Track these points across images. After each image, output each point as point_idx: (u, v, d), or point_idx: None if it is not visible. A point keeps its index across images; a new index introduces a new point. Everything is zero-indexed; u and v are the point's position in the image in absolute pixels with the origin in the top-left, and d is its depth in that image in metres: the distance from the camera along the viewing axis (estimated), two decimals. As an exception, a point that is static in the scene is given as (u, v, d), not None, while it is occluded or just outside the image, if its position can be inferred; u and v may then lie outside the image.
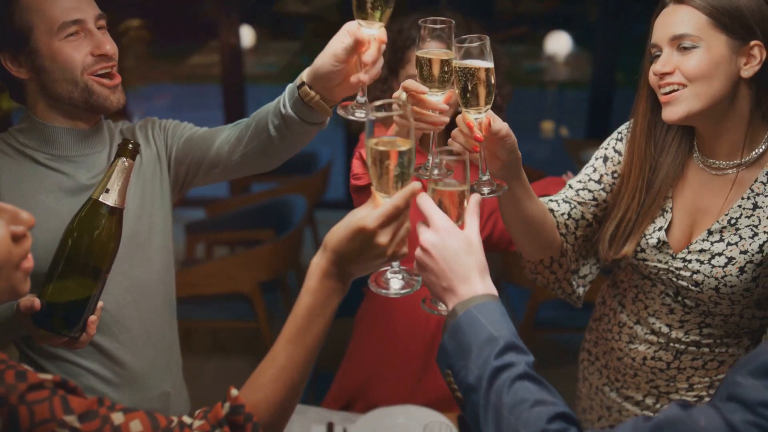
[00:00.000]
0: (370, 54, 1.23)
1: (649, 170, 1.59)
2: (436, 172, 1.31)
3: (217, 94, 5.51)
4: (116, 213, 1.27)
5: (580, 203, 1.69)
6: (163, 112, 8.74)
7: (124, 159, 1.26)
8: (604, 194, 1.69)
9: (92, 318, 1.31)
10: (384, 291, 1.17)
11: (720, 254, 1.51)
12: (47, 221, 1.45)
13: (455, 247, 1.08)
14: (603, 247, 1.65)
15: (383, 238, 1.02)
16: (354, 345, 2.27)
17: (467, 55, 1.27)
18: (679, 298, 1.61)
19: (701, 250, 1.54)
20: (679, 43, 1.45)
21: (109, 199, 1.25)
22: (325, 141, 6.16)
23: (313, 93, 1.35)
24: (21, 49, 1.45)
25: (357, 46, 1.23)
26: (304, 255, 4.15)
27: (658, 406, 1.71)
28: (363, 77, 1.24)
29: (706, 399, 1.64)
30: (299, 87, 1.36)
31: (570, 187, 1.72)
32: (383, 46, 1.24)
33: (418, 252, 1.11)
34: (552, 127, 8.20)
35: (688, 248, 1.56)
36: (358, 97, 1.27)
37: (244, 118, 1.61)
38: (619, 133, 1.71)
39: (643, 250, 1.63)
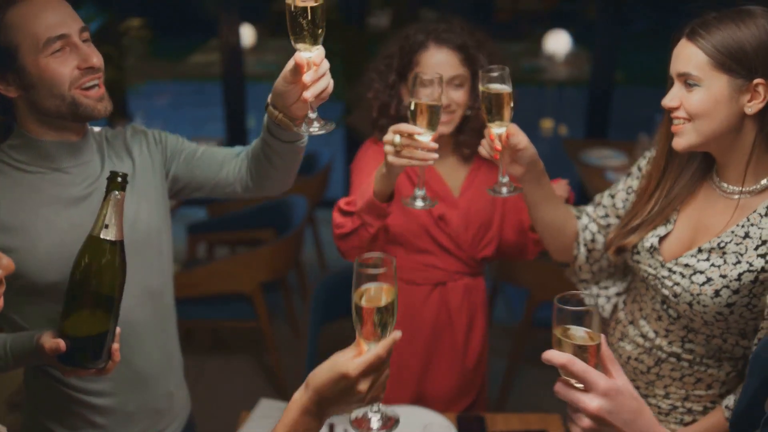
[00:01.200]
0: (308, 75, 1.35)
1: (668, 188, 1.65)
2: (419, 203, 1.67)
3: (218, 92, 5.53)
4: (117, 244, 1.31)
5: (599, 224, 1.80)
6: (163, 111, 8.78)
7: (116, 192, 1.29)
8: (617, 220, 1.78)
9: (115, 346, 1.36)
10: (364, 431, 1.20)
11: (702, 272, 1.54)
12: (49, 234, 1.47)
13: (632, 407, 1.03)
14: (610, 235, 1.73)
15: (363, 385, 1.07)
16: None
17: (491, 80, 1.57)
18: (665, 307, 1.64)
19: (686, 265, 1.57)
20: (685, 80, 1.49)
21: (110, 234, 1.29)
22: (325, 142, 6.19)
23: (276, 112, 1.48)
24: (8, 69, 1.44)
25: (298, 69, 1.36)
26: (305, 254, 4.18)
27: None
28: (306, 95, 1.36)
29: (680, 409, 1.66)
30: (266, 108, 1.51)
31: (599, 204, 1.82)
32: (325, 66, 1.37)
33: (587, 423, 1.03)
34: (551, 126, 8.22)
35: (676, 260, 1.59)
36: (309, 113, 1.42)
37: (244, 115, 1.69)
38: (648, 151, 1.78)
39: (638, 252, 1.67)
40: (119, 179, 1.29)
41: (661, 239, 1.64)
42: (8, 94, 1.46)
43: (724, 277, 1.50)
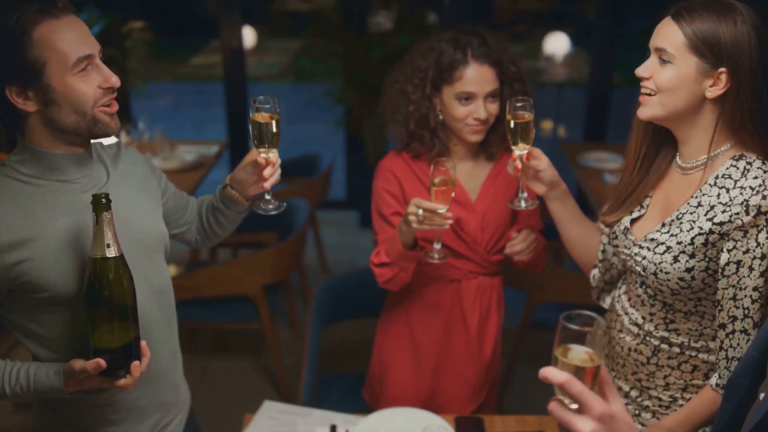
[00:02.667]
0: (268, 171, 1.75)
1: (643, 171, 1.78)
2: (436, 256, 1.99)
3: (218, 92, 5.55)
4: (119, 258, 1.41)
5: (605, 233, 1.91)
6: (164, 111, 8.81)
7: (106, 213, 1.38)
8: None
9: (135, 363, 1.47)
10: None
11: (662, 243, 1.67)
12: (68, 244, 1.51)
13: None
14: (601, 209, 1.88)
15: None
16: (376, 344, 2.39)
17: (516, 109, 1.80)
18: (644, 287, 1.75)
19: (652, 239, 1.70)
20: (660, 54, 1.62)
21: (112, 252, 1.40)
22: (327, 144, 6.24)
23: (234, 192, 1.84)
24: (31, 84, 1.46)
25: (259, 165, 1.75)
26: (307, 256, 4.22)
27: (640, 399, 1.81)
28: (266, 185, 1.77)
29: (680, 401, 1.74)
30: (224, 188, 1.85)
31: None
32: (278, 162, 1.76)
33: None
34: (550, 128, 8.24)
35: (645, 237, 1.72)
36: (266, 196, 1.83)
37: (245, 116, 1.86)
38: None
39: (616, 236, 1.80)
40: (104, 201, 1.38)
41: (633, 221, 1.78)
42: (26, 108, 1.47)
43: (680, 243, 1.63)
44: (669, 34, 1.61)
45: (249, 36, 6.27)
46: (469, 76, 2.02)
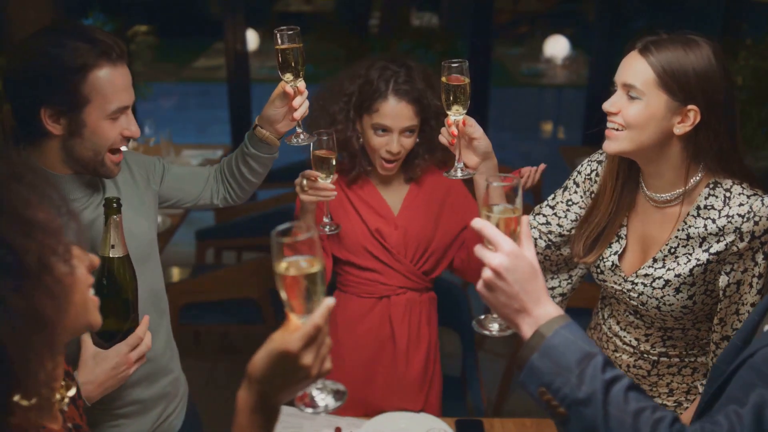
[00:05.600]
0: (297, 100, 1.77)
1: (614, 201, 1.77)
2: (327, 229, 2.01)
3: (222, 93, 5.59)
4: (125, 258, 1.50)
5: (540, 230, 1.91)
6: (169, 113, 8.85)
7: (115, 216, 1.47)
8: (558, 228, 1.88)
9: (147, 336, 1.56)
10: (312, 410, 1.11)
11: (660, 278, 1.69)
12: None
13: (525, 271, 1.14)
14: (574, 249, 1.85)
15: (307, 359, 0.99)
16: None
17: (451, 71, 1.70)
18: (638, 315, 1.78)
19: (646, 275, 1.71)
20: (628, 90, 1.61)
21: (118, 252, 1.49)
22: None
23: (264, 132, 1.86)
24: (67, 113, 1.54)
25: (287, 97, 1.76)
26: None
27: None
28: (297, 116, 1.78)
29: (685, 405, 1.80)
30: (254, 129, 1.88)
31: (539, 213, 1.93)
32: (306, 92, 1.79)
33: (488, 275, 1.15)
34: (549, 130, 8.30)
35: (636, 273, 1.73)
36: (298, 129, 1.83)
37: (249, 118, 1.91)
38: (581, 165, 1.91)
39: (602, 272, 1.81)
40: (115, 204, 1.46)
41: (619, 257, 1.78)
42: (52, 130, 1.56)
43: (679, 276, 1.66)
44: (637, 70, 1.59)
45: (252, 39, 6.32)
46: (387, 110, 2.06)
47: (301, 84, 1.76)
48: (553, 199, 1.92)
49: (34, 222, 0.89)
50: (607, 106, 1.65)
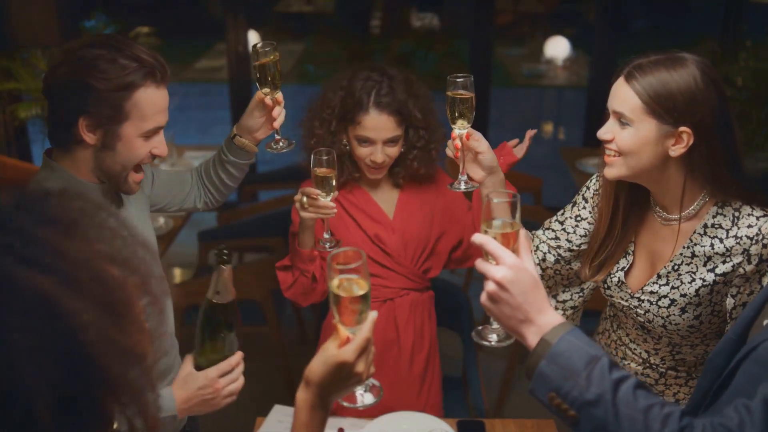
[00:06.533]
0: (276, 111, 1.86)
1: (621, 221, 1.77)
2: (327, 245, 2.03)
3: (223, 93, 5.61)
4: (228, 305, 1.56)
5: (549, 245, 1.91)
6: (171, 114, 8.87)
7: (223, 266, 1.51)
8: (567, 243, 1.88)
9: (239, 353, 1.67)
10: (353, 405, 1.34)
11: (665, 296, 1.69)
12: None
13: (528, 282, 1.18)
14: (581, 271, 1.85)
15: (360, 367, 1.17)
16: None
17: (456, 86, 1.72)
18: (646, 330, 1.79)
19: (651, 292, 1.72)
20: (619, 117, 1.61)
21: (221, 299, 1.55)
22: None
23: (243, 140, 1.95)
24: (103, 126, 1.58)
25: (266, 108, 1.87)
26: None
27: None
28: (276, 125, 1.88)
29: None
30: (233, 138, 1.96)
31: (548, 228, 1.93)
32: (283, 102, 1.87)
33: (492, 288, 1.19)
34: (550, 131, 8.32)
35: (642, 289, 1.74)
36: (277, 136, 1.94)
37: None
38: (590, 181, 1.90)
39: (609, 288, 1.82)
40: (224, 256, 1.51)
41: (626, 273, 1.78)
42: (86, 139, 1.59)
43: (684, 296, 1.67)
44: (624, 98, 1.59)
45: (253, 39, 6.34)
46: (368, 123, 2.09)
47: (279, 95, 1.85)
48: (563, 214, 1.92)
49: (120, 258, 0.87)
50: (601, 133, 1.65)
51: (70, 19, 3.98)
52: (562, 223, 1.91)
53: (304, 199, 1.95)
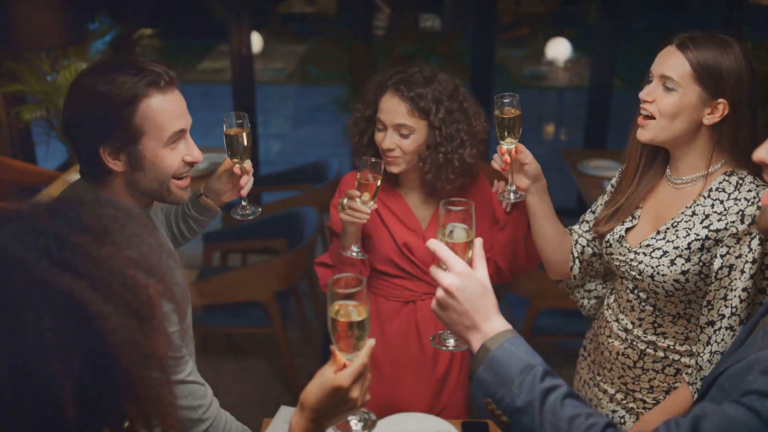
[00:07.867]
0: (244, 180, 1.89)
1: (636, 182, 1.92)
2: (355, 249, 2.08)
3: (226, 95, 5.61)
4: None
5: (586, 238, 2.04)
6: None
7: None
8: None
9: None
10: None
11: (659, 249, 1.80)
12: None
13: (476, 290, 1.22)
14: (598, 218, 1.99)
15: (355, 392, 1.19)
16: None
17: (503, 105, 1.88)
18: (636, 292, 1.88)
19: (648, 245, 1.82)
20: (665, 82, 1.73)
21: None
22: (334, 153, 6.33)
23: (208, 200, 1.97)
24: (125, 149, 1.54)
25: (234, 175, 1.89)
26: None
27: (625, 402, 1.95)
28: (243, 193, 1.91)
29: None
30: (198, 197, 1.97)
31: (584, 221, 2.07)
32: (251, 170, 1.89)
33: (440, 294, 1.23)
34: (551, 133, 8.33)
35: (640, 244, 1.85)
36: (243, 202, 1.97)
37: (254, 120, 1.99)
38: (618, 171, 2.03)
39: (610, 245, 1.92)
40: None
41: (628, 230, 1.90)
42: (115, 168, 1.56)
43: (677, 248, 1.76)
44: (675, 63, 1.72)
45: (256, 41, 6.35)
46: (383, 105, 2.10)
47: (248, 164, 1.88)
48: (595, 204, 2.07)
49: (147, 265, 0.89)
50: (643, 94, 1.77)
51: (74, 21, 3.99)
52: (594, 212, 2.05)
53: (345, 200, 1.99)
